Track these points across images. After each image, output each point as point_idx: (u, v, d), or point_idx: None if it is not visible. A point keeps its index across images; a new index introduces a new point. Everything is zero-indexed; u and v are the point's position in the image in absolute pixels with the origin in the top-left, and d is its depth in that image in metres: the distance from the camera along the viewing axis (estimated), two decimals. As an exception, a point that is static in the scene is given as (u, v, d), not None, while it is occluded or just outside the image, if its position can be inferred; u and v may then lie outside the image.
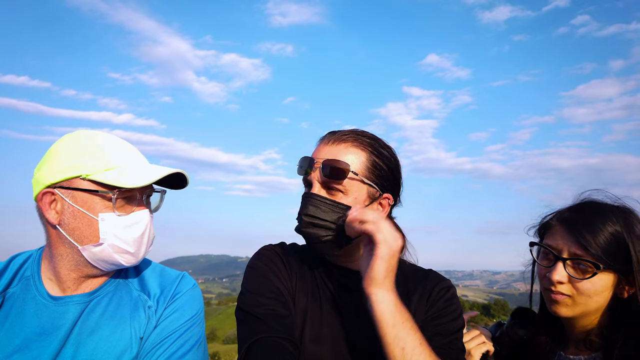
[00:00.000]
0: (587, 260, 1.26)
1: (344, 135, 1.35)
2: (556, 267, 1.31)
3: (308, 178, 1.33)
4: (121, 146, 1.29)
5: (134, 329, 1.27)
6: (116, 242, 1.22)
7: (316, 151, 1.36)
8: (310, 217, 1.28)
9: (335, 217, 1.28)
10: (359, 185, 1.31)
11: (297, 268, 1.40)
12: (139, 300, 1.32)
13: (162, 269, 1.43)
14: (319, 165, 1.30)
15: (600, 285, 1.27)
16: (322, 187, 1.31)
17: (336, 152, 1.31)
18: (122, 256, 1.25)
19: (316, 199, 1.29)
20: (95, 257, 1.23)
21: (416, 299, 1.36)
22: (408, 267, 1.46)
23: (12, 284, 1.28)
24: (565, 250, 1.31)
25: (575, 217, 1.34)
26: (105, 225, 1.21)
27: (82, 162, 1.21)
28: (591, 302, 1.28)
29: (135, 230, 1.25)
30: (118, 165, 1.23)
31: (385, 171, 1.35)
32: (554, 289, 1.31)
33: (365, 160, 1.32)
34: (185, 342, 1.28)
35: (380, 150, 1.35)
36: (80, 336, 1.23)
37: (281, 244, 1.49)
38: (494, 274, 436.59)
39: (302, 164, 1.35)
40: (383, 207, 1.37)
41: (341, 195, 1.30)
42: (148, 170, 1.25)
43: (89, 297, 1.28)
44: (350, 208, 1.28)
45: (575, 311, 1.30)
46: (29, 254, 1.36)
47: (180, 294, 1.35)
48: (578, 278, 1.28)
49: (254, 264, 1.39)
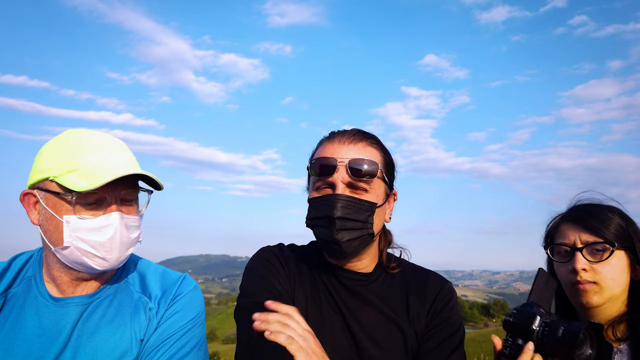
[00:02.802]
0: (601, 242, 1.37)
1: (356, 135, 1.35)
2: (575, 257, 1.38)
3: (329, 180, 1.31)
4: (94, 146, 1.22)
5: (134, 330, 1.26)
6: (81, 246, 1.17)
7: (333, 151, 1.33)
8: (343, 219, 1.26)
9: (365, 216, 1.29)
10: (380, 182, 1.34)
11: (296, 269, 1.40)
12: (139, 302, 1.31)
13: (164, 271, 1.42)
14: (344, 165, 1.29)
15: (619, 266, 1.37)
16: (346, 187, 1.30)
17: (358, 152, 1.31)
18: (92, 260, 1.19)
19: (346, 200, 1.27)
20: (67, 259, 1.21)
21: (415, 300, 1.36)
22: (408, 266, 1.46)
23: (14, 285, 1.28)
24: (578, 241, 1.40)
25: (579, 213, 1.46)
26: (68, 229, 1.17)
27: (52, 164, 1.19)
28: (615, 285, 1.36)
29: (102, 234, 1.18)
30: (81, 167, 1.17)
31: (393, 168, 1.40)
32: (579, 279, 1.37)
33: (382, 158, 1.36)
34: (186, 344, 1.28)
35: (386, 148, 1.40)
36: (80, 338, 1.22)
37: (279, 245, 1.48)
38: (494, 273, 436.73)
39: (322, 165, 1.31)
40: (391, 203, 1.42)
41: (364, 193, 1.30)
42: (110, 173, 1.16)
43: (90, 298, 1.27)
44: (376, 205, 1.30)
45: (604, 296, 1.36)
46: (31, 254, 1.35)
47: (181, 295, 1.34)
48: (597, 261, 1.37)
49: (252, 266, 1.39)
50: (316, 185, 1.34)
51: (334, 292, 1.36)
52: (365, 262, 1.39)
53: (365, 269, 1.40)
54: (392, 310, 1.34)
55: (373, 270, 1.41)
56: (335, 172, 1.29)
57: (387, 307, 1.34)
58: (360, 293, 1.35)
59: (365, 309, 1.33)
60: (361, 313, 1.32)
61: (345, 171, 1.28)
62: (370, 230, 1.30)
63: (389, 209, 1.41)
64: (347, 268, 1.39)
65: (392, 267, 1.42)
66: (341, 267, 1.39)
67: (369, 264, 1.41)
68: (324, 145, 1.37)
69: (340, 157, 1.30)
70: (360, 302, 1.34)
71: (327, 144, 1.36)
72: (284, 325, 1.06)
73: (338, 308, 1.33)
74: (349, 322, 1.31)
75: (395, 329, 1.31)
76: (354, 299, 1.34)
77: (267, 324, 1.06)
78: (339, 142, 1.34)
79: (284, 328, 1.05)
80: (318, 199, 1.32)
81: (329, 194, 1.30)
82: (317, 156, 1.35)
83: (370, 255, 1.40)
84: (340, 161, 1.29)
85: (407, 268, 1.45)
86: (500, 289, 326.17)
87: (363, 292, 1.35)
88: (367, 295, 1.35)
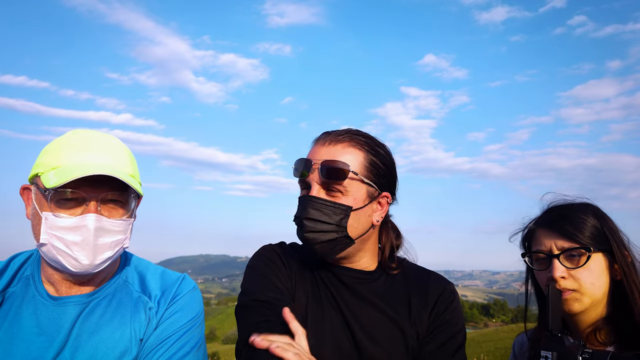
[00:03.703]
0: (577, 247, 1.32)
1: (340, 135, 1.33)
2: (553, 265, 1.35)
3: (306, 180, 1.31)
4: (78, 145, 1.22)
5: (134, 330, 1.26)
6: (57, 244, 1.16)
7: (312, 152, 1.34)
8: (312, 220, 1.27)
9: (337, 219, 1.27)
10: (359, 185, 1.30)
11: (297, 268, 1.39)
12: (139, 302, 1.31)
13: (163, 271, 1.42)
14: (317, 167, 1.28)
15: (597, 269, 1.33)
16: (321, 188, 1.29)
17: (334, 153, 1.30)
18: (66, 259, 1.17)
19: (317, 202, 1.27)
20: (47, 257, 1.20)
21: (417, 301, 1.35)
22: (409, 266, 1.46)
23: (12, 284, 1.28)
24: (554, 247, 1.36)
25: (552, 217, 1.41)
26: (45, 225, 1.17)
27: (42, 160, 1.21)
28: (595, 289, 1.32)
29: (76, 234, 1.16)
30: (61, 165, 1.18)
31: (382, 170, 1.34)
32: (559, 287, 1.33)
33: (363, 159, 1.31)
34: (185, 344, 1.28)
35: (377, 149, 1.35)
36: (80, 337, 1.22)
37: (281, 244, 1.48)
38: (494, 273, 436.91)
39: (298, 166, 1.33)
40: (382, 205, 1.37)
41: (340, 195, 1.29)
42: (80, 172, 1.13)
43: (89, 297, 1.27)
44: (351, 208, 1.28)
45: (585, 303, 1.33)
46: (29, 253, 1.35)
47: (180, 295, 1.34)
48: (575, 267, 1.32)
49: (253, 264, 1.38)
50: (300, 186, 1.37)
51: (335, 291, 1.35)
52: (363, 261, 1.38)
53: (366, 267, 1.39)
54: (393, 310, 1.33)
55: (375, 269, 1.40)
56: (311, 173, 1.29)
57: (388, 307, 1.33)
58: (360, 292, 1.34)
59: (365, 308, 1.32)
60: (361, 312, 1.32)
61: (318, 172, 1.28)
62: (344, 233, 1.28)
63: (377, 212, 1.36)
64: (347, 266, 1.38)
65: (392, 268, 1.41)
66: (342, 266, 1.38)
67: (369, 263, 1.40)
68: (311, 146, 1.38)
69: (315, 158, 1.30)
70: (361, 301, 1.33)
71: (312, 145, 1.37)
72: (289, 344, 1.06)
73: (338, 307, 1.33)
74: (349, 321, 1.30)
75: (395, 329, 1.30)
76: (354, 298, 1.34)
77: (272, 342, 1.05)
78: (320, 143, 1.34)
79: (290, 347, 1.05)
80: (299, 199, 1.35)
81: (304, 195, 1.32)
82: (301, 157, 1.36)
83: (368, 254, 1.39)
84: (315, 162, 1.29)
85: (408, 269, 1.44)
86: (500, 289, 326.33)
87: (364, 291, 1.35)
88: (368, 295, 1.34)
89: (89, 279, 1.27)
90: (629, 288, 1.31)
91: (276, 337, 1.08)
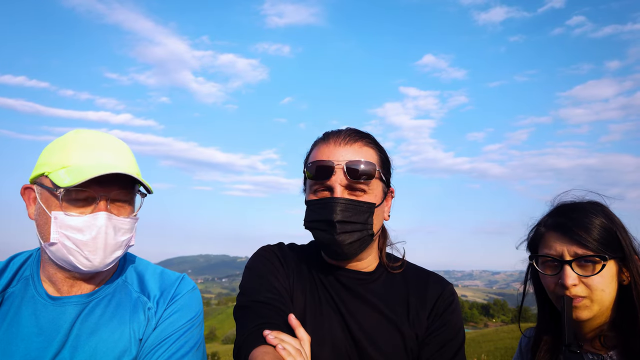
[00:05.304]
0: (592, 255, 1.28)
1: (353, 135, 1.34)
2: (565, 271, 1.30)
3: (327, 183, 1.29)
4: (87, 144, 1.23)
5: (133, 330, 1.27)
6: (67, 243, 1.17)
7: (329, 154, 1.31)
8: (343, 223, 1.26)
9: (364, 218, 1.28)
10: (378, 182, 1.33)
11: (296, 268, 1.40)
12: (138, 302, 1.31)
13: (162, 271, 1.42)
14: (341, 168, 1.27)
15: (608, 276, 1.30)
16: (344, 189, 1.29)
17: (355, 153, 1.30)
18: (76, 259, 1.18)
19: (346, 203, 1.27)
20: (55, 256, 1.21)
21: (415, 302, 1.35)
22: (410, 267, 1.46)
23: (12, 284, 1.28)
24: (567, 253, 1.31)
25: (561, 220, 1.36)
26: (55, 224, 1.18)
27: (48, 160, 1.22)
28: (605, 296, 1.30)
29: (87, 233, 1.18)
30: (71, 164, 1.19)
31: (389, 165, 1.40)
32: (569, 294, 1.30)
33: (378, 157, 1.34)
34: (185, 344, 1.28)
35: (381, 146, 1.39)
36: (79, 337, 1.22)
37: (279, 244, 1.48)
38: (494, 274, 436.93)
39: (319, 169, 1.29)
40: (387, 201, 1.41)
41: (363, 194, 1.29)
42: (95, 171, 1.15)
43: (88, 298, 1.27)
44: (375, 205, 1.30)
45: (594, 310, 1.30)
46: (29, 253, 1.36)
47: (179, 295, 1.35)
48: (588, 275, 1.29)
49: (252, 265, 1.39)
50: (313, 188, 1.33)
51: (333, 292, 1.35)
52: (366, 261, 1.39)
53: (367, 268, 1.39)
54: (392, 311, 1.33)
55: (375, 269, 1.41)
56: (333, 175, 1.27)
57: (387, 308, 1.33)
58: (359, 293, 1.35)
59: (364, 309, 1.33)
60: (360, 313, 1.32)
61: (343, 174, 1.27)
62: (370, 231, 1.30)
63: (387, 207, 1.40)
64: (348, 267, 1.38)
65: (395, 267, 1.41)
66: (342, 267, 1.38)
67: (371, 263, 1.40)
68: (320, 147, 1.35)
69: (337, 160, 1.28)
70: (360, 301, 1.34)
71: (322, 146, 1.34)
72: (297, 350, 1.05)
73: (337, 308, 1.33)
74: (347, 321, 1.31)
75: (394, 329, 1.31)
76: (353, 299, 1.34)
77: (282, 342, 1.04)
78: (334, 144, 1.32)
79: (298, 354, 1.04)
80: (316, 201, 1.31)
81: (328, 197, 1.29)
82: (314, 159, 1.33)
83: (371, 254, 1.40)
84: (337, 164, 1.27)
85: (408, 269, 1.44)
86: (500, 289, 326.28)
87: (362, 291, 1.35)
88: (367, 295, 1.34)
89: (91, 277, 1.28)
90: (637, 294, 1.29)
91: (288, 337, 1.07)
